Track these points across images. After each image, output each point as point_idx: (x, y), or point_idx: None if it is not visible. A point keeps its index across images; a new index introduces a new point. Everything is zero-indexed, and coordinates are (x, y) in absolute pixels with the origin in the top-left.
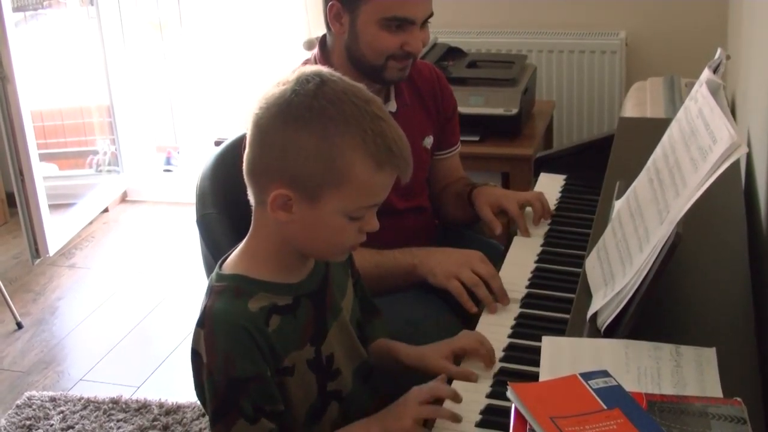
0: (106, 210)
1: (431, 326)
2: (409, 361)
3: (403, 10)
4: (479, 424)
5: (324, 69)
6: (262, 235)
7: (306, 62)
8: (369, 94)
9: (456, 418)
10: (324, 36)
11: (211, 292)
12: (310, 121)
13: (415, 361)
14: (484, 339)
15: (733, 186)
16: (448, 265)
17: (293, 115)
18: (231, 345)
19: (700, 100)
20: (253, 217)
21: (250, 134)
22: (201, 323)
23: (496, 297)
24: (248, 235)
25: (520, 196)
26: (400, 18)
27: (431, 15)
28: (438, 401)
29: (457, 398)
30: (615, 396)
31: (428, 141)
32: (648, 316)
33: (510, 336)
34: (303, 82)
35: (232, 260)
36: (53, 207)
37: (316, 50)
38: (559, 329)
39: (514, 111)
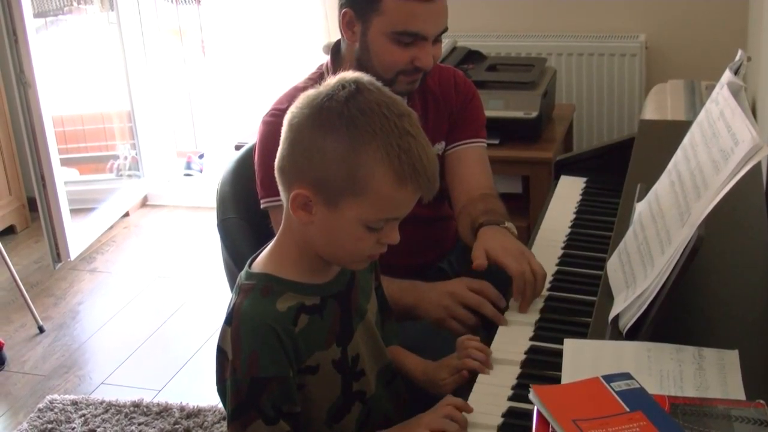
0: (126, 215)
1: (451, 336)
2: (414, 377)
3: (415, 26)
4: (501, 427)
5: (365, 77)
6: (290, 235)
7: (319, 68)
8: (404, 108)
9: None
10: (337, 42)
11: (240, 290)
12: (338, 128)
13: (419, 378)
14: (477, 346)
15: (754, 188)
16: (439, 305)
17: (323, 120)
18: (257, 344)
19: (721, 102)
20: (283, 217)
21: (283, 131)
22: (228, 321)
23: (494, 320)
24: (277, 234)
25: (523, 266)
26: (411, 33)
27: (445, 30)
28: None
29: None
30: (637, 398)
31: (439, 147)
32: (670, 319)
33: (531, 339)
34: (338, 87)
35: (261, 259)
36: (74, 212)
37: (328, 57)
38: (580, 332)
39: (534, 114)
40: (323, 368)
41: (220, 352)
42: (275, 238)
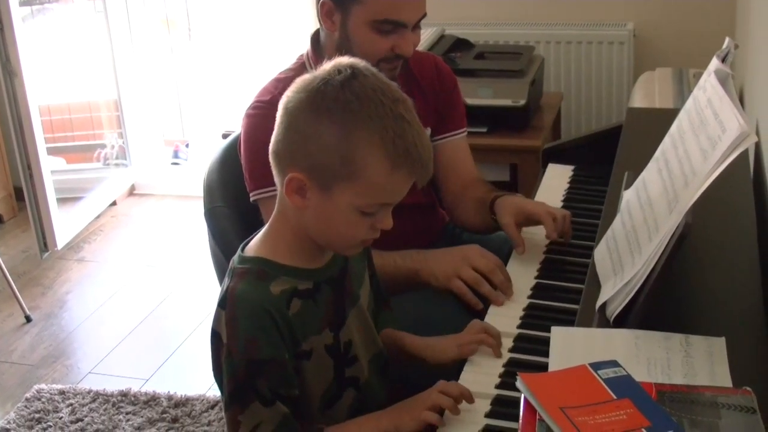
0: (114, 204)
1: (443, 324)
2: (413, 349)
3: (396, 14)
4: (489, 415)
5: (360, 62)
6: (284, 220)
7: (300, 58)
8: (399, 93)
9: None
10: (317, 32)
11: (234, 273)
12: (332, 113)
13: (421, 349)
14: (488, 327)
15: (741, 176)
16: (448, 265)
17: (318, 104)
18: (253, 327)
19: (708, 90)
20: (276, 201)
21: (278, 116)
22: (222, 304)
23: (501, 290)
24: (271, 218)
25: (548, 207)
26: (392, 21)
27: (424, 16)
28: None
29: (470, 400)
30: (625, 386)
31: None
32: (658, 306)
33: (519, 327)
34: (334, 72)
35: (254, 243)
36: (61, 201)
37: (308, 47)
38: (568, 320)
39: (522, 102)
40: (316, 353)
41: (215, 335)
42: (269, 223)
